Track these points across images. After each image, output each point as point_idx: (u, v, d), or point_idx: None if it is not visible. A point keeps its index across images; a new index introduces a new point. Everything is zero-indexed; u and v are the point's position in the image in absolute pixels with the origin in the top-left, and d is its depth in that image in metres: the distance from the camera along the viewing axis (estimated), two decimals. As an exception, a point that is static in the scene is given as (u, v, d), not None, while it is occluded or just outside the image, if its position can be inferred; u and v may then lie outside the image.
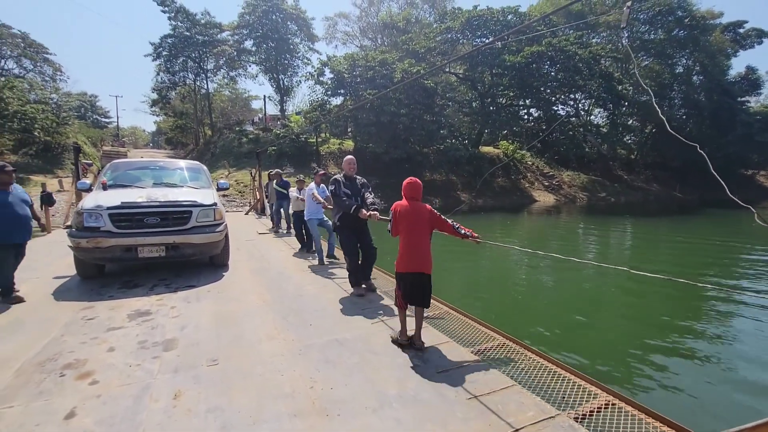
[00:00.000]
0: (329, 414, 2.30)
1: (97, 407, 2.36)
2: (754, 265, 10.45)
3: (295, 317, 3.85)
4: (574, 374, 2.83)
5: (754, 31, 39.34)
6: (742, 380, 4.63)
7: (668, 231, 17.69)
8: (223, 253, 5.84)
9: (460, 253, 11.07)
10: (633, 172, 38.45)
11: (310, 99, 32.50)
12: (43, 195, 8.35)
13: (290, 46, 36.50)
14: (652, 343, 5.62)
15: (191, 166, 7.03)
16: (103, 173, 6.20)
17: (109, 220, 4.77)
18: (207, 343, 3.27)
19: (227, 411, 2.33)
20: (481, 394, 2.49)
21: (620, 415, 2.37)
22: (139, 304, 4.20)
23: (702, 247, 13.31)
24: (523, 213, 24.70)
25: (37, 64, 33.22)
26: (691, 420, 3.27)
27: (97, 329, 3.54)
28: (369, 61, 26.77)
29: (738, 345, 5.65)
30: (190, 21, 34.66)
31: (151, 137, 71.31)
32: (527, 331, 5.88)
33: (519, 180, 32.52)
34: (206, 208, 5.32)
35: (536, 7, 37.52)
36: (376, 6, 43.66)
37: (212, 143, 35.50)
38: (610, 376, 4.63)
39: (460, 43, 30.80)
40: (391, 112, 24.25)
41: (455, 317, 3.98)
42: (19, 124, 22.17)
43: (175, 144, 45.82)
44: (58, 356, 3.01)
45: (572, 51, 28.20)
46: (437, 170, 29.01)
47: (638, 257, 12.72)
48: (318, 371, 2.80)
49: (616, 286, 8.67)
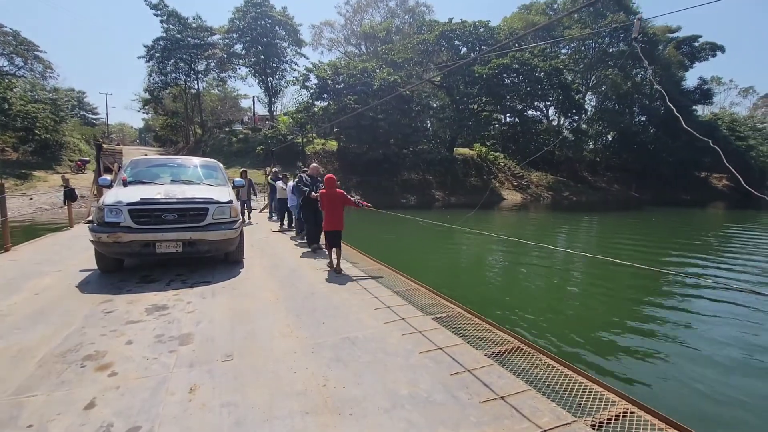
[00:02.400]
0: (341, 413, 2.30)
1: (116, 398, 2.41)
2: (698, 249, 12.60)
3: (307, 315, 3.87)
4: (591, 380, 2.76)
5: (708, 45, 43.73)
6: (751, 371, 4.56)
7: (617, 225, 20.38)
8: (238, 250, 5.91)
9: (440, 246, 12.61)
10: (597, 174, 42.20)
11: (296, 102, 34.98)
12: (66, 190, 8.61)
13: (278, 50, 38.46)
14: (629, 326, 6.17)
15: (208, 163, 7.14)
16: (124, 170, 6.34)
17: (128, 215, 4.88)
18: (222, 338, 3.31)
19: (241, 406, 2.35)
20: (495, 397, 2.46)
21: (639, 423, 2.31)
22: (157, 299, 4.29)
23: (650, 237, 15.59)
24: (494, 209, 26.88)
25: (27, 62, 34.11)
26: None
27: (116, 322, 3.62)
28: (351, 69, 29.02)
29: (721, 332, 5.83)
30: (182, 24, 36.20)
31: (138, 134, 71.70)
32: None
33: (490, 180, 34.77)
34: (222, 206, 5.39)
35: (509, 20, 41.16)
36: (360, 15, 46.04)
37: (203, 142, 36.89)
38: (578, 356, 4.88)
39: (435, 54, 33.39)
40: (370, 116, 26.37)
41: (468, 319, 3.94)
42: (21, 123, 23.50)
43: (164, 141, 46.66)
44: (79, 347, 3.10)
45: (534, 63, 31.35)
46: (414, 170, 31.36)
47: (603, 247, 13.97)
48: (330, 370, 2.80)
49: (581, 271, 9.99)
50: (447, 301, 4.44)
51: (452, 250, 12.54)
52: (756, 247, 13.29)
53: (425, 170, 31.74)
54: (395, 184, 29.66)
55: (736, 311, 6.74)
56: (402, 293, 4.65)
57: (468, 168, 34.79)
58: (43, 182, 22.74)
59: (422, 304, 4.28)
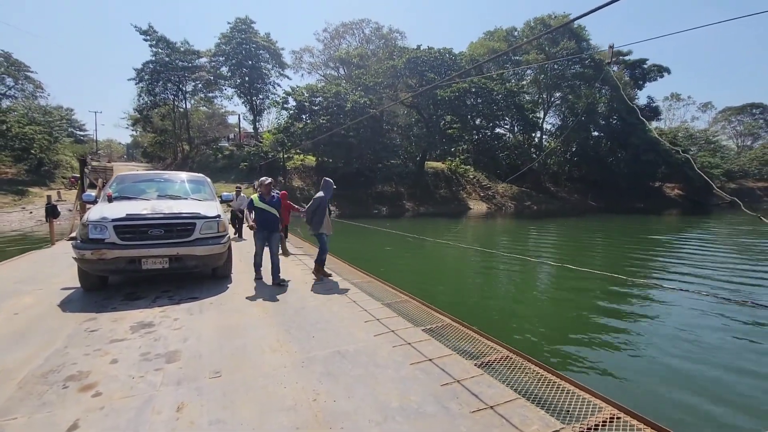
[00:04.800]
0: (332, 427, 2.29)
1: (100, 419, 2.36)
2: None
3: (297, 330, 3.85)
4: (578, 387, 2.81)
5: (655, 67, 48.50)
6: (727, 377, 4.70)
7: (573, 229, 22.68)
8: (226, 265, 5.86)
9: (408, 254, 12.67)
10: (559, 185, 45.13)
11: (278, 121, 38.24)
12: (48, 207, 8.43)
13: (262, 72, 40.98)
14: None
15: (195, 178, 7.09)
16: (109, 185, 6.26)
17: (113, 231, 4.81)
18: (210, 355, 3.27)
19: (230, 423, 2.32)
20: (485, 407, 2.48)
21: (626, 428, 2.35)
22: (142, 316, 4.21)
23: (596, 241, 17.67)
24: (462, 219, 28.75)
25: (18, 82, 35.21)
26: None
27: (100, 341, 3.54)
28: (325, 92, 31.99)
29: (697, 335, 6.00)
30: (171, 48, 38.15)
31: (126, 150, 73.21)
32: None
33: (459, 191, 37.44)
34: (210, 220, 5.36)
35: (474, 45, 45.81)
36: (338, 40, 49.99)
37: (190, 158, 38.87)
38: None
39: (404, 78, 36.34)
40: (341, 134, 28.87)
41: (457, 329, 3.97)
42: (20, 144, 25.61)
43: (151, 157, 47.78)
44: (61, 368, 3.01)
45: (490, 87, 34.98)
46: (387, 183, 34.08)
47: (559, 252, 14.88)
48: (321, 384, 2.79)
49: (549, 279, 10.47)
50: (436, 312, 4.47)
51: (435, 259, 13.05)
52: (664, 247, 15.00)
53: (398, 183, 34.62)
54: (369, 196, 31.77)
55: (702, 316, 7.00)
56: (391, 305, 4.66)
57: (438, 180, 37.85)
58: (39, 197, 24.65)
59: (412, 316, 4.30)
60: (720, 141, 61.61)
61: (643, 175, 42.49)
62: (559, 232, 20.95)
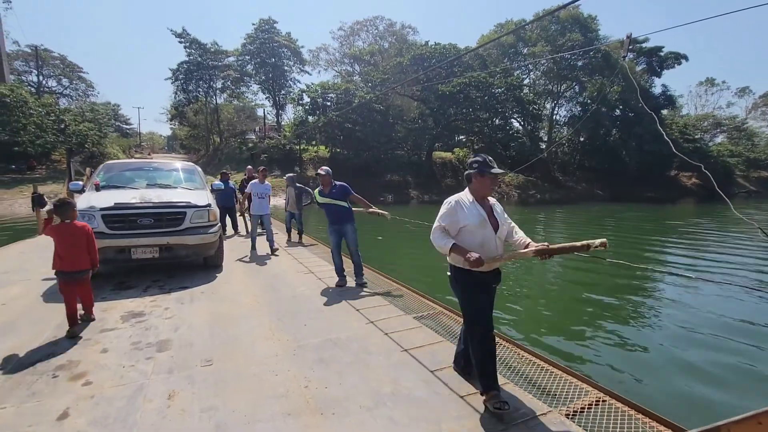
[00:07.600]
0: (323, 413, 2.31)
1: (91, 408, 2.35)
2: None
3: (289, 318, 3.86)
4: (565, 371, 2.86)
5: (672, 54, 46.38)
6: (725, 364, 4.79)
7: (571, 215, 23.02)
8: (217, 254, 5.82)
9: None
10: (568, 174, 44.76)
11: (295, 115, 40.06)
12: (34, 196, 8.26)
13: (284, 69, 43.93)
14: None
15: (185, 167, 7.00)
16: (96, 174, 6.15)
17: (102, 220, 4.74)
18: (201, 344, 3.27)
19: (221, 411, 2.33)
20: (475, 392, 2.52)
21: (611, 411, 2.41)
22: (133, 306, 4.18)
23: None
24: None
25: (72, 82, 41.99)
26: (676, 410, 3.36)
27: (90, 331, 3.52)
28: (336, 89, 34.98)
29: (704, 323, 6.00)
30: (202, 49, 41.90)
31: (167, 142, 76.98)
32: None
33: (464, 180, 37.83)
34: (200, 209, 5.30)
35: (485, 38, 45.53)
36: (353, 37, 52.03)
37: (219, 150, 42.61)
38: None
39: (410, 73, 36.89)
40: (348, 128, 32.15)
41: (448, 316, 4.00)
42: (76, 140, 28.53)
43: (188, 149, 52.81)
44: (50, 358, 2.99)
45: (490, 82, 35.98)
46: (395, 173, 35.53)
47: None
48: (312, 371, 2.81)
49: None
50: (427, 300, 4.51)
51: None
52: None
53: (405, 172, 35.81)
54: (376, 185, 32.61)
55: (698, 298, 7.13)
56: (383, 294, 4.68)
57: (445, 170, 38.74)
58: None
59: (404, 304, 4.32)
60: (751, 128, 57.42)
61: (654, 164, 41.89)
62: (548, 218, 21.28)
